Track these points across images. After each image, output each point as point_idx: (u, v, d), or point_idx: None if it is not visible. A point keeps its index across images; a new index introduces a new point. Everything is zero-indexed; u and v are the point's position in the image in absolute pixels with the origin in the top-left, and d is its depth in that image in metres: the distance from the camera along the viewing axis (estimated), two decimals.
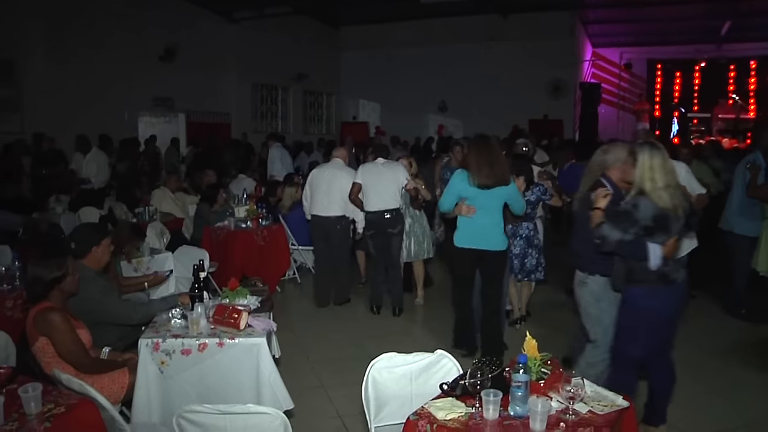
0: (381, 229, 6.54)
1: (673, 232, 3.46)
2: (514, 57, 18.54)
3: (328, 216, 6.74)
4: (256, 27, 17.53)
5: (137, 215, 7.79)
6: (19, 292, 4.53)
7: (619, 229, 3.46)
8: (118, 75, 13.51)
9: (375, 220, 6.53)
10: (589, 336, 4.18)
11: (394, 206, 6.50)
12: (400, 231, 6.61)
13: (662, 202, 3.41)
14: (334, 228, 6.78)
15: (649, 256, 3.44)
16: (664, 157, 3.48)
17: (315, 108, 22.56)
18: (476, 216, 5.07)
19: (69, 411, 2.65)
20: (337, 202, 6.71)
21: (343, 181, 6.69)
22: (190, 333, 3.54)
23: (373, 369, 2.95)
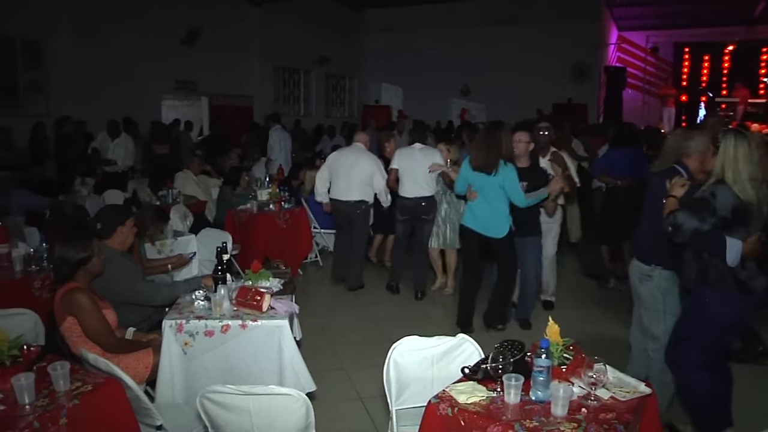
0: (416, 215, 6.57)
1: (754, 228, 3.17)
2: (538, 40, 18.27)
3: (348, 200, 6.73)
4: (278, 10, 17.48)
5: (160, 198, 7.86)
6: (47, 273, 4.60)
7: (695, 217, 3.18)
8: (141, 58, 13.56)
9: (411, 206, 6.54)
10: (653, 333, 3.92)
11: (430, 193, 6.51)
12: (433, 218, 6.60)
13: (745, 194, 3.12)
14: (354, 212, 6.77)
15: (727, 251, 3.14)
16: (750, 146, 3.16)
17: (337, 91, 22.53)
18: (477, 200, 5.31)
19: (96, 389, 2.69)
20: (358, 186, 6.70)
21: (364, 165, 6.68)
22: (213, 315, 3.58)
23: (394, 352, 2.96)
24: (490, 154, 5.17)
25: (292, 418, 2.51)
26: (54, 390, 2.63)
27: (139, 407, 2.94)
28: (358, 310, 6.43)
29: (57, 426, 2.48)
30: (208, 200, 8.40)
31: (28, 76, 12.40)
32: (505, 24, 18.77)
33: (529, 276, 5.71)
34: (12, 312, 3.68)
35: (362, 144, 6.94)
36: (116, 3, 13.07)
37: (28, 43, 12.24)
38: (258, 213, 7.15)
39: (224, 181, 8.16)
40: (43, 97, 12.60)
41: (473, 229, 5.41)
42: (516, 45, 18.71)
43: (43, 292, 4.57)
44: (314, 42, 19.23)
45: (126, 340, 3.67)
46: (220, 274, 3.83)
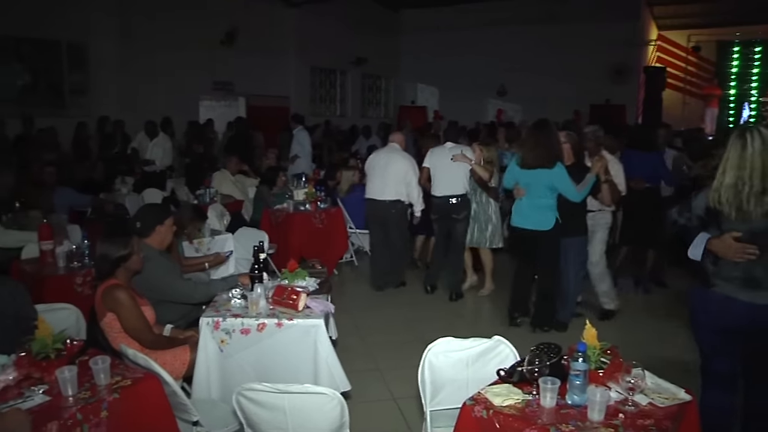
0: (446, 214, 6.56)
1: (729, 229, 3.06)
2: (576, 40, 18.02)
3: (383, 200, 6.74)
4: (315, 10, 17.57)
5: (198, 197, 7.97)
6: (89, 270, 4.70)
7: (676, 211, 3.39)
8: (180, 59, 13.76)
9: (441, 205, 6.55)
10: None
11: (461, 192, 6.48)
12: (465, 217, 6.56)
13: (713, 200, 3.09)
14: (389, 212, 6.77)
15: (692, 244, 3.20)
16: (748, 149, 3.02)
17: (373, 91, 22.57)
18: (524, 198, 5.39)
19: (135, 384, 2.75)
20: (393, 186, 6.69)
21: (399, 165, 6.68)
22: (249, 313, 3.61)
23: (429, 353, 2.96)
24: (539, 151, 5.23)
25: (327, 417, 2.52)
26: (95, 383, 2.70)
27: (176, 403, 2.98)
28: (393, 310, 6.43)
29: (98, 418, 2.54)
30: (244, 199, 8.48)
31: (73, 78, 12.74)
32: (542, 24, 18.57)
33: (569, 277, 5.64)
34: (56, 307, 3.78)
35: (398, 144, 6.94)
36: (157, 6, 13.29)
37: (74, 46, 12.58)
38: (294, 213, 7.20)
39: (261, 181, 8.23)
40: (86, 98, 12.91)
41: (521, 227, 5.48)
42: (553, 45, 18.53)
43: (84, 288, 4.68)
44: (350, 42, 19.31)
45: (164, 337, 3.72)
46: (256, 273, 3.86)
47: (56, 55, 12.51)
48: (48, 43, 12.27)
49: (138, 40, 12.97)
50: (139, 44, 13.00)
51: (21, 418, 2.33)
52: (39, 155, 9.21)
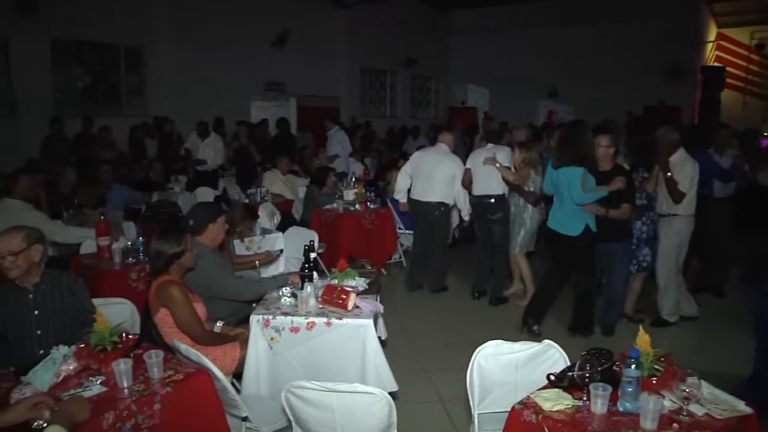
0: (481, 214, 6.54)
1: None
2: (630, 39, 17.69)
3: (428, 201, 6.68)
4: (365, 12, 17.66)
5: (249, 196, 8.08)
6: (143, 266, 4.83)
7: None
8: (232, 61, 13.99)
9: (477, 204, 6.53)
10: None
11: (497, 192, 6.40)
12: (501, 218, 6.46)
13: None
14: (433, 213, 6.71)
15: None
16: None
17: (423, 92, 22.57)
18: (556, 199, 5.34)
19: (187, 378, 2.81)
20: (438, 188, 6.63)
21: (446, 167, 6.62)
22: (299, 311, 3.63)
23: (479, 355, 2.94)
24: (566, 152, 5.16)
25: (375, 416, 2.53)
26: (149, 376, 2.77)
27: (226, 398, 3.03)
28: (441, 312, 6.41)
29: (152, 410, 2.61)
30: (295, 199, 8.57)
31: (130, 79, 13.15)
32: (594, 23, 18.27)
33: (614, 283, 5.54)
34: (112, 301, 3.90)
35: (446, 145, 6.86)
36: (210, 10, 13.54)
37: (131, 49, 13.00)
38: (344, 213, 7.25)
39: (311, 181, 8.29)
40: (142, 99, 13.28)
41: (551, 229, 5.41)
42: (606, 44, 18.24)
43: (139, 284, 4.80)
44: (400, 43, 19.34)
45: (215, 333, 3.77)
46: (307, 272, 3.89)
47: (114, 58, 12.96)
48: (107, 46, 12.69)
49: (191, 43, 13.23)
50: (193, 46, 13.26)
51: (82, 404, 2.41)
52: (97, 154, 9.52)
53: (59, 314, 3.35)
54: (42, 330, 3.30)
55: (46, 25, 11.08)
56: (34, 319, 3.29)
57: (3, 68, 11.13)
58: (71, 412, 2.32)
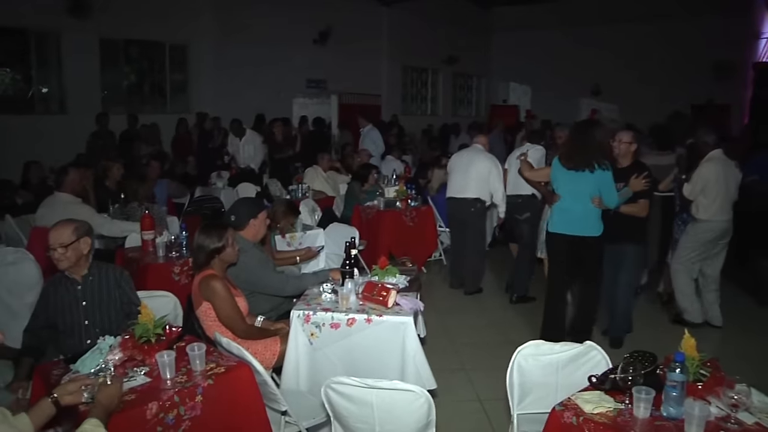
0: (510, 213, 6.55)
1: None
2: (677, 35, 17.26)
3: (464, 198, 6.65)
4: (407, 9, 17.63)
5: (290, 192, 8.14)
6: (186, 260, 4.89)
7: None
8: (274, 58, 14.10)
9: (508, 203, 6.57)
10: None
11: (526, 192, 6.37)
12: (528, 218, 6.44)
13: None
14: (468, 210, 6.67)
15: None
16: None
17: (464, 90, 22.46)
18: (568, 201, 4.99)
19: (228, 371, 2.84)
20: (474, 184, 6.59)
21: (480, 165, 6.57)
22: (339, 308, 3.65)
23: (519, 355, 2.92)
24: (582, 152, 4.94)
25: (414, 414, 2.52)
26: (191, 369, 2.81)
27: (266, 392, 3.06)
28: (480, 311, 6.38)
29: (194, 402, 2.65)
30: (336, 196, 8.61)
31: (174, 77, 13.38)
32: (640, 20, 17.83)
33: (622, 288, 5.28)
34: (156, 294, 3.96)
35: (481, 145, 6.83)
36: (253, 7, 13.68)
37: (176, 47, 13.23)
38: (385, 210, 7.25)
39: (353, 177, 8.32)
40: (186, 96, 13.51)
41: (564, 234, 5.03)
42: (652, 41, 17.84)
43: (182, 277, 4.87)
44: (442, 41, 19.29)
45: (255, 328, 3.81)
46: (347, 269, 3.90)
47: (160, 56, 13.19)
48: (153, 44, 12.94)
49: (234, 40, 13.39)
50: (236, 44, 13.42)
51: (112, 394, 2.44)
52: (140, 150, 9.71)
53: (106, 305, 3.42)
54: (89, 320, 3.38)
55: (96, 25, 11.35)
56: (82, 309, 3.37)
57: (55, 67, 11.44)
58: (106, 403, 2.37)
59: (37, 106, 11.52)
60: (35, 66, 11.35)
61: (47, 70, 11.51)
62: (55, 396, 2.38)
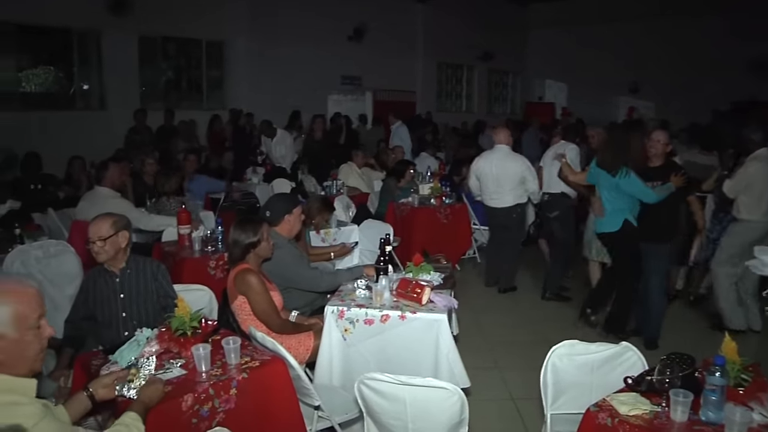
0: (542, 211, 6.58)
1: None
2: (717, 31, 16.80)
3: (502, 207, 6.57)
4: (442, 6, 17.58)
5: (325, 189, 8.17)
6: (221, 254, 4.94)
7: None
8: (309, 55, 14.21)
9: (541, 201, 6.57)
10: None
11: (555, 190, 6.34)
12: (558, 216, 6.39)
13: None
14: (510, 217, 6.61)
15: None
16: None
17: (500, 87, 22.32)
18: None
19: (263, 366, 2.86)
20: (509, 193, 6.49)
21: (512, 171, 6.43)
22: (373, 304, 3.65)
23: (553, 355, 2.89)
24: (613, 154, 5.01)
25: (447, 412, 2.51)
26: (226, 362, 2.84)
27: (300, 386, 3.07)
28: (514, 309, 6.34)
29: (228, 395, 2.68)
30: (370, 192, 8.61)
31: (211, 73, 13.55)
32: (678, 15, 17.46)
33: (653, 286, 5.16)
34: (192, 287, 4.00)
35: (505, 145, 6.59)
36: (288, 5, 13.78)
37: (212, 44, 13.41)
38: (419, 207, 7.23)
39: (388, 173, 8.31)
40: (222, 93, 13.67)
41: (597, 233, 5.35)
42: (691, 37, 17.43)
43: (217, 272, 4.93)
44: (477, 38, 19.18)
45: (290, 322, 3.82)
46: (382, 265, 3.90)
47: (196, 53, 13.38)
48: (190, 41, 13.12)
49: (269, 37, 13.52)
50: (270, 41, 13.55)
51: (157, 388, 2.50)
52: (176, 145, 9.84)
53: (143, 298, 3.47)
54: (127, 313, 3.43)
55: (135, 23, 11.57)
56: (120, 302, 3.43)
57: (96, 64, 11.68)
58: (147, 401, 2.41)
59: (78, 103, 11.79)
60: (77, 64, 11.64)
61: (88, 68, 11.78)
62: (91, 390, 2.42)
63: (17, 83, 11.11)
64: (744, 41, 16.32)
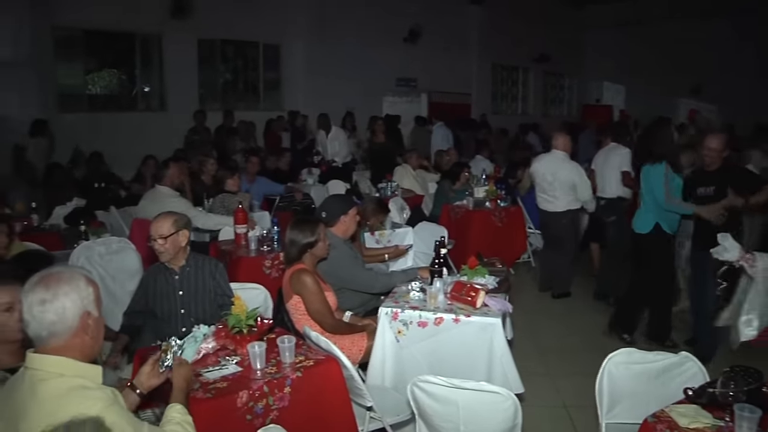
0: (598, 214, 6.45)
1: None
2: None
3: (554, 212, 6.52)
4: (498, 7, 17.43)
5: (380, 190, 8.19)
6: (276, 254, 5.00)
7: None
8: (364, 57, 14.25)
9: (597, 206, 6.44)
10: None
11: (612, 195, 6.25)
12: (614, 222, 6.30)
13: None
14: (560, 222, 6.54)
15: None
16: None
17: (556, 89, 22.04)
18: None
19: (317, 365, 2.89)
20: (562, 198, 6.43)
21: (564, 176, 6.37)
22: (427, 306, 3.64)
23: (610, 362, 2.83)
24: (641, 145, 5.06)
25: (500, 416, 2.49)
26: (281, 360, 2.87)
27: (352, 386, 3.09)
28: (567, 315, 6.25)
29: (282, 393, 2.71)
30: (424, 194, 8.60)
31: (267, 75, 13.75)
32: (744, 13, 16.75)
33: (710, 297, 4.85)
34: (248, 286, 4.08)
35: (561, 150, 6.50)
36: (345, 7, 13.88)
37: (269, 47, 13.60)
38: (474, 210, 7.18)
39: (443, 176, 8.29)
40: (278, 94, 13.86)
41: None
42: (757, 36, 16.78)
43: (272, 271, 4.99)
44: (533, 39, 18.96)
45: (343, 323, 3.85)
46: (437, 267, 3.89)
47: (254, 55, 13.59)
48: (247, 44, 13.34)
49: (325, 39, 13.62)
50: (327, 43, 13.65)
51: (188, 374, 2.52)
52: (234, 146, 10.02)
53: (201, 296, 3.55)
54: (185, 309, 3.52)
55: (195, 26, 11.83)
56: (179, 298, 3.51)
57: (157, 67, 12.00)
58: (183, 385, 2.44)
59: (139, 104, 12.13)
60: (139, 66, 11.97)
61: (149, 70, 12.12)
62: (136, 387, 2.41)
63: (84, 86, 11.52)
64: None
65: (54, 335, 1.92)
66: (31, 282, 1.94)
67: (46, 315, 1.90)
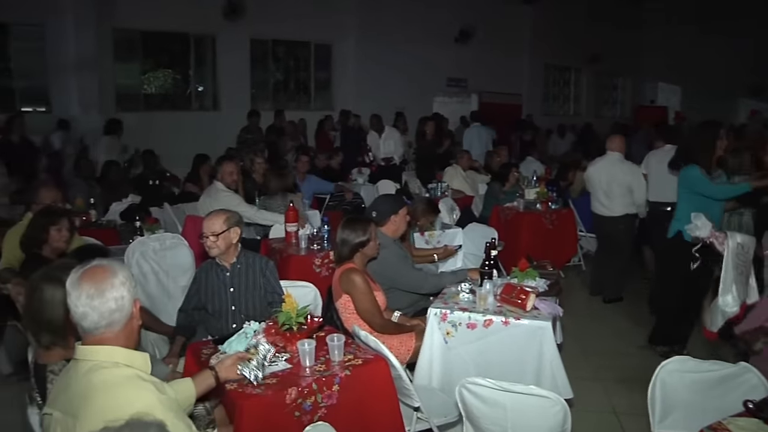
0: (655, 221, 6.15)
1: None
2: None
3: (610, 216, 6.37)
4: (550, 6, 17.23)
5: (430, 191, 8.18)
6: (326, 253, 5.02)
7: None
8: (415, 57, 14.26)
9: (652, 211, 6.26)
10: None
11: (659, 199, 6.05)
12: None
13: None
14: (617, 227, 6.39)
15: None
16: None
17: (609, 90, 21.66)
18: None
19: (365, 364, 2.90)
20: (619, 202, 6.29)
21: (620, 179, 6.24)
22: (477, 308, 3.62)
23: (663, 370, 2.76)
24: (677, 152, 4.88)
25: (548, 421, 2.46)
26: (329, 359, 2.89)
27: (400, 386, 3.09)
28: (619, 320, 6.13)
29: (330, 391, 2.73)
30: (474, 195, 8.55)
31: (319, 74, 13.89)
32: None
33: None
34: (298, 284, 4.13)
35: (618, 153, 6.38)
36: (395, 7, 13.91)
37: (320, 47, 13.74)
38: (524, 211, 7.11)
39: (493, 177, 8.23)
40: (328, 94, 13.97)
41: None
42: None
43: (322, 269, 5.01)
44: (586, 39, 18.63)
45: (392, 323, 3.85)
46: (487, 269, 3.86)
47: (305, 55, 13.75)
48: (298, 44, 13.50)
49: (376, 39, 13.68)
50: (377, 43, 13.71)
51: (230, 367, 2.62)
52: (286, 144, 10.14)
53: (251, 293, 3.60)
54: (236, 306, 3.57)
55: (247, 26, 12.03)
56: (230, 295, 3.57)
57: (210, 67, 12.24)
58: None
59: (193, 103, 12.39)
60: (193, 66, 12.22)
61: (203, 70, 12.39)
62: (216, 369, 2.57)
63: (140, 86, 11.82)
64: None
65: (112, 324, 1.97)
66: (76, 275, 1.98)
67: (107, 304, 1.95)
